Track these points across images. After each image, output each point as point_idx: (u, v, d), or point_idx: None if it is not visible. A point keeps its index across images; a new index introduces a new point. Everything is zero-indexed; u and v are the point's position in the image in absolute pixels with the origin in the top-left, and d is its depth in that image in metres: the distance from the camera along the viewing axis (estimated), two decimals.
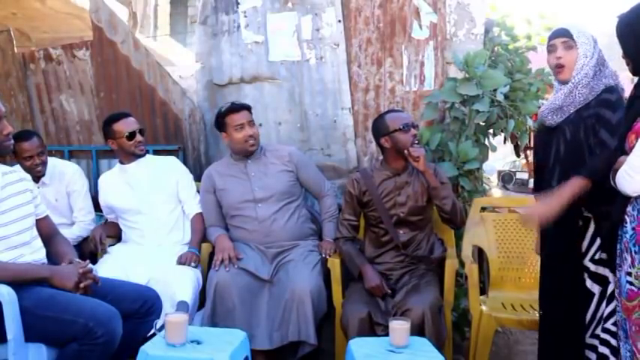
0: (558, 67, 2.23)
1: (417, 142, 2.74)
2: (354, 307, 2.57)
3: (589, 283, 2.16)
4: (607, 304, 2.11)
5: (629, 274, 1.82)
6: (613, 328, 2.07)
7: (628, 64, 1.94)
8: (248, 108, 3.05)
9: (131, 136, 3.03)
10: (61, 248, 2.38)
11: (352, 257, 2.81)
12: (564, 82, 2.23)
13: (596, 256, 2.15)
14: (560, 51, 2.22)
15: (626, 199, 1.84)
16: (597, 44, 2.23)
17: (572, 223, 2.15)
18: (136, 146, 3.05)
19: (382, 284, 2.69)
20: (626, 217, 1.85)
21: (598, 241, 2.15)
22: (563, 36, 2.22)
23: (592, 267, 2.16)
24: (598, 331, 2.13)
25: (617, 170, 1.83)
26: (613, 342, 2.07)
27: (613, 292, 2.08)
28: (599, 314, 2.13)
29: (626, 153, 1.83)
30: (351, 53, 3.45)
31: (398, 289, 2.70)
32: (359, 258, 2.81)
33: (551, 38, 2.27)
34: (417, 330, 2.39)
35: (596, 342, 2.13)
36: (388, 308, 2.60)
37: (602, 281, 2.14)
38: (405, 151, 2.71)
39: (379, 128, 2.81)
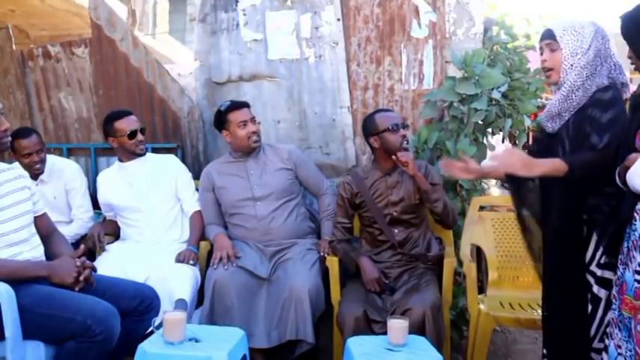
0: (546, 71, 2.18)
1: (406, 142, 2.73)
2: (349, 306, 2.56)
3: (596, 288, 2.10)
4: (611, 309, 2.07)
5: (638, 272, 1.79)
6: None
7: (633, 64, 1.92)
8: (248, 105, 3.06)
9: (132, 134, 3.03)
10: (58, 247, 2.38)
11: (348, 252, 2.82)
12: (555, 85, 2.17)
13: (602, 261, 2.10)
14: (545, 54, 2.16)
15: (636, 197, 1.82)
16: (598, 37, 2.09)
17: (574, 232, 2.12)
18: (136, 145, 3.05)
19: (381, 277, 2.69)
20: (635, 214, 1.83)
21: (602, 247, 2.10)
22: (547, 38, 2.15)
23: (598, 272, 2.10)
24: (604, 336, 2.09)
25: (626, 168, 1.80)
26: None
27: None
28: (606, 318, 2.08)
29: (637, 150, 1.81)
30: (350, 52, 3.45)
31: (397, 288, 2.69)
32: (355, 252, 2.81)
33: (539, 40, 2.20)
34: (418, 330, 2.38)
35: (601, 346, 2.11)
36: (386, 305, 2.60)
37: (608, 285, 2.08)
38: (393, 157, 2.71)
39: (368, 128, 2.81)
